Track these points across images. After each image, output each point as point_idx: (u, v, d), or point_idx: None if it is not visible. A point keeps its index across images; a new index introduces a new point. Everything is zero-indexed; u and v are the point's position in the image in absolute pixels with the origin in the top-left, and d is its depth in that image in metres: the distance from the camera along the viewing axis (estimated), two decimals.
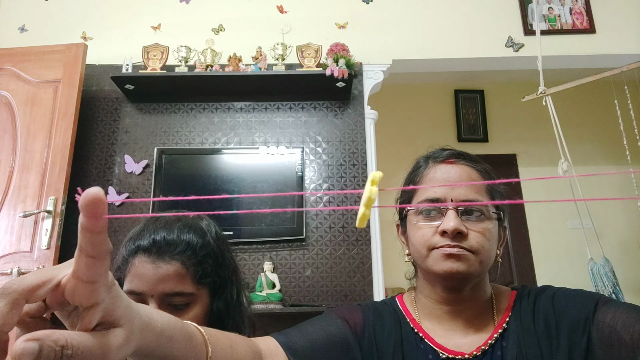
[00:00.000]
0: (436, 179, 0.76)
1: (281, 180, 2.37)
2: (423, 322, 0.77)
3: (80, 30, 2.70)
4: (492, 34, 2.70)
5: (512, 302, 0.76)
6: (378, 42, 2.67)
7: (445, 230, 0.70)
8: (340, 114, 2.54)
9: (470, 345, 0.72)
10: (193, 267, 0.75)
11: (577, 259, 3.04)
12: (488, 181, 0.79)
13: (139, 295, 0.73)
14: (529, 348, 0.69)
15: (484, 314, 0.75)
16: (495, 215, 0.75)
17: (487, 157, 3.97)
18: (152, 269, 0.73)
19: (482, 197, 0.74)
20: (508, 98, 3.74)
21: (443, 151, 0.80)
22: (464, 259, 0.70)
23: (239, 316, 0.82)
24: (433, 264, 0.72)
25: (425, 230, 0.73)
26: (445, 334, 0.74)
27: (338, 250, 2.32)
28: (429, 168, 0.79)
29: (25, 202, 2.16)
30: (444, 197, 0.73)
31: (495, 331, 0.73)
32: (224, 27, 2.73)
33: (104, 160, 2.46)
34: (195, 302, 0.76)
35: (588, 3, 2.76)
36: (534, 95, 2.48)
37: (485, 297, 0.77)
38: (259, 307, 2.09)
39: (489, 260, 0.74)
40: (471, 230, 0.71)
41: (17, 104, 2.32)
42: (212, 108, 2.55)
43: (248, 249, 2.32)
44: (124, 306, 0.35)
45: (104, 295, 0.32)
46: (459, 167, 0.76)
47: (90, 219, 0.30)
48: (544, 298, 0.73)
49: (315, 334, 0.72)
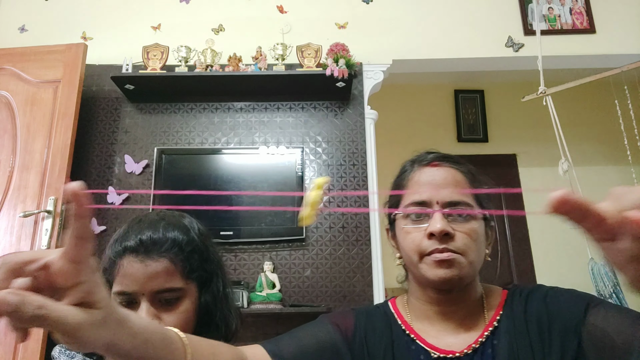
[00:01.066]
0: (422, 182, 0.77)
1: (281, 180, 2.37)
2: (415, 323, 0.78)
3: (80, 30, 2.70)
4: (492, 34, 2.70)
5: (503, 301, 0.77)
6: (378, 42, 2.67)
7: (432, 232, 0.72)
8: (340, 114, 2.54)
9: (462, 344, 0.73)
10: (181, 263, 0.77)
11: (577, 259, 3.03)
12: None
13: (130, 295, 0.75)
14: (521, 349, 0.69)
15: (475, 313, 0.76)
16: (481, 215, 0.76)
17: (487, 157, 3.98)
18: (141, 268, 0.75)
19: (467, 198, 0.75)
20: (508, 98, 3.74)
21: (428, 154, 0.82)
22: (454, 264, 0.71)
23: (226, 309, 0.84)
24: (426, 271, 0.73)
25: (414, 235, 0.75)
26: (436, 334, 0.75)
27: (338, 251, 2.32)
28: (414, 172, 0.80)
29: (25, 202, 2.16)
30: (430, 200, 0.75)
31: (486, 329, 0.74)
32: (224, 27, 2.73)
33: (104, 160, 2.46)
34: (185, 297, 0.78)
35: (588, 3, 2.76)
36: (534, 95, 2.48)
37: (476, 296, 0.78)
38: (259, 307, 2.09)
39: (478, 260, 0.75)
40: (458, 231, 0.72)
41: (17, 104, 2.32)
42: (212, 108, 2.55)
43: (248, 249, 2.32)
44: (104, 294, 0.38)
45: (87, 276, 0.36)
46: (443, 170, 0.78)
47: (76, 205, 0.35)
48: (536, 298, 0.74)
49: (304, 340, 0.73)
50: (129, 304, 0.75)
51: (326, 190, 0.40)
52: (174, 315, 0.76)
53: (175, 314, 0.76)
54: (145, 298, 0.74)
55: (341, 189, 2.42)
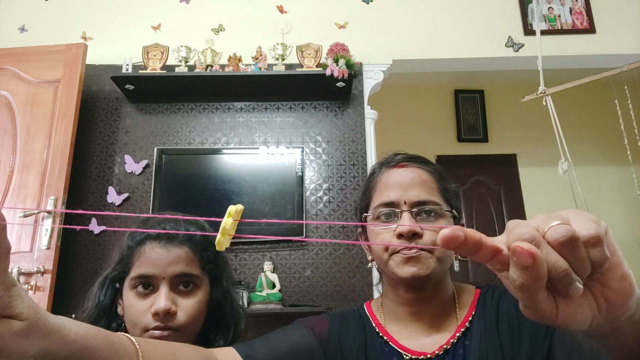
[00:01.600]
0: (389, 184, 0.78)
1: (281, 180, 2.37)
2: (388, 326, 0.78)
3: (80, 30, 2.70)
4: (492, 34, 2.70)
5: (475, 300, 0.77)
6: (378, 42, 2.67)
7: (401, 233, 0.72)
8: (340, 114, 2.54)
9: (433, 345, 0.73)
10: (199, 253, 0.82)
11: None
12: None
13: (149, 278, 0.78)
14: (490, 349, 0.70)
15: (446, 314, 0.77)
16: (449, 214, 0.77)
17: (487, 157, 3.98)
18: (164, 252, 0.79)
19: (434, 197, 0.76)
20: (508, 98, 3.74)
21: (395, 156, 0.83)
22: (422, 260, 0.72)
23: (235, 309, 0.87)
24: (394, 268, 0.74)
25: (383, 235, 0.75)
26: (409, 336, 0.75)
27: (338, 251, 2.32)
28: (382, 174, 0.81)
29: (25, 202, 2.16)
30: (398, 200, 0.75)
31: (458, 330, 0.74)
32: (224, 27, 2.73)
33: (104, 160, 2.46)
34: (200, 287, 0.82)
35: (588, 3, 2.76)
36: (534, 95, 2.48)
37: (447, 295, 0.78)
38: (259, 307, 2.09)
39: (446, 257, 0.75)
40: (427, 230, 0.73)
41: (17, 104, 2.32)
42: (212, 108, 2.55)
43: (248, 249, 2.32)
44: (27, 306, 0.38)
45: (2, 291, 0.36)
46: (410, 170, 0.79)
47: None
48: (509, 298, 0.74)
49: (277, 343, 0.74)
50: (146, 287, 0.78)
51: (237, 218, 0.44)
52: (189, 302, 0.79)
53: (191, 301, 0.79)
54: (166, 282, 0.78)
55: (341, 189, 2.42)
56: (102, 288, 0.83)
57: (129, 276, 0.80)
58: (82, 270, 2.27)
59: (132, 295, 0.78)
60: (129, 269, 0.80)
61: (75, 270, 2.27)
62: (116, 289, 0.83)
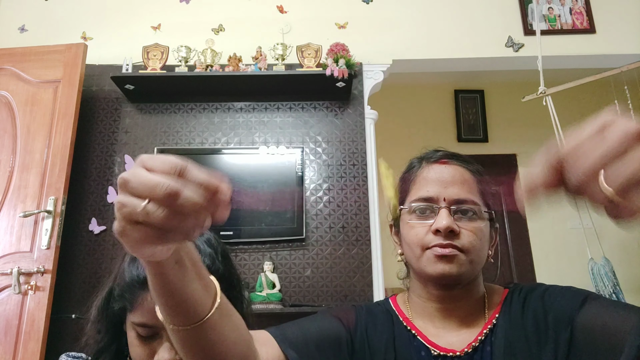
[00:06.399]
0: (429, 179, 0.77)
1: (281, 180, 2.37)
2: (416, 321, 0.78)
3: (80, 30, 2.70)
4: (492, 34, 2.70)
5: (502, 299, 0.77)
6: (378, 42, 2.67)
7: (438, 228, 0.72)
8: (340, 114, 2.54)
9: (462, 343, 0.73)
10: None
11: (577, 259, 3.03)
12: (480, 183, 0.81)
13: (154, 328, 0.73)
14: (516, 342, 0.70)
15: (475, 312, 0.77)
16: (487, 215, 0.76)
17: (487, 157, 3.98)
18: None
19: (474, 197, 0.75)
20: (508, 98, 3.74)
21: (436, 152, 0.82)
22: (455, 261, 0.72)
23: (246, 310, 0.86)
24: (426, 265, 0.73)
25: (418, 229, 0.75)
26: (437, 332, 0.75)
27: (338, 250, 2.32)
28: (422, 168, 0.80)
29: (25, 202, 2.16)
30: (437, 196, 0.75)
31: (485, 327, 0.74)
32: (224, 27, 2.73)
33: (104, 160, 2.46)
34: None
35: (588, 3, 2.76)
36: (534, 95, 2.48)
37: (477, 296, 0.78)
38: (259, 307, 2.09)
39: (479, 259, 0.75)
40: (463, 229, 0.73)
41: (17, 104, 2.32)
42: (212, 108, 2.55)
43: (248, 249, 2.32)
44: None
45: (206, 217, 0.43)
46: (451, 167, 0.78)
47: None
48: (535, 295, 0.74)
49: (308, 327, 0.74)
50: (151, 338, 0.72)
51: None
52: None
53: None
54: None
55: (341, 189, 2.42)
56: (102, 315, 0.78)
57: (130, 318, 0.73)
58: (82, 270, 2.27)
59: (134, 336, 0.73)
60: (131, 309, 0.73)
61: (75, 270, 2.27)
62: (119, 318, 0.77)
